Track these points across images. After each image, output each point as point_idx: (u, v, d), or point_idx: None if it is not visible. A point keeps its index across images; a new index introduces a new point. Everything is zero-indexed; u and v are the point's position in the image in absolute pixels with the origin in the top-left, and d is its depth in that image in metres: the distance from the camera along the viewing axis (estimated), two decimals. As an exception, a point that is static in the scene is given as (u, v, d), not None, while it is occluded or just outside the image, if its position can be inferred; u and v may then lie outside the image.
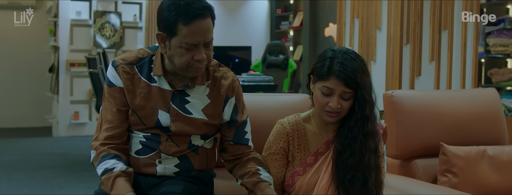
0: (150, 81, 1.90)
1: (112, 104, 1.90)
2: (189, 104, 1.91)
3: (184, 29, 1.76)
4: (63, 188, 4.64)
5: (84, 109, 7.95)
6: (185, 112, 1.90)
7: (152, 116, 1.89)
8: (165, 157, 1.91)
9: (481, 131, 2.64)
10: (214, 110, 1.94)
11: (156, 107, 1.89)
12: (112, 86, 1.91)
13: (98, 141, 1.87)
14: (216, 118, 1.95)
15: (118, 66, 1.91)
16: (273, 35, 9.01)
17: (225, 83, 1.96)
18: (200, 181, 1.96)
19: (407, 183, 2.42)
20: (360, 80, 1.79)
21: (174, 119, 1.89)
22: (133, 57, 1.93)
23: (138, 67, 1.91)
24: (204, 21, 1.77)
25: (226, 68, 2.01)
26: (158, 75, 1.89)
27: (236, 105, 1.98)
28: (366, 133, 1.83)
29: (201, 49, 1.80)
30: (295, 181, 1.90)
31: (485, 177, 2.46)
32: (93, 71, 6.02)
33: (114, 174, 1.78)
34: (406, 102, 2.57)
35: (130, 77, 1.90)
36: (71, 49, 7.85)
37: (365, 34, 4.08)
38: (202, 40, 1.79)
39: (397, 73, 3.79)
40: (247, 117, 2.02)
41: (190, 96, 1.91)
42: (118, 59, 1.93)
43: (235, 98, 1.97)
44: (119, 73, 1.90)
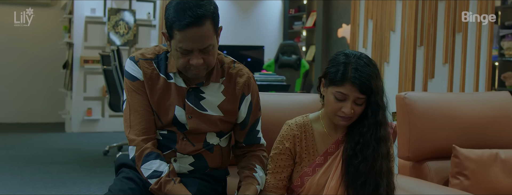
0: (167, 78, 1.91)
1: (141, 97, 1.90)
2: (204, 100, 1.92)
3: (178, 35, 1.76)
4: (76, 183, 4.68)
5: (97, 105, 8.01)
6: (200, 109, 1.91)
7: (169, 112, 1.90)
8: (181, 156, 1.93)
9: (493, 135, 2.63)
10: (230, 107, 1.95)
11: (173, 103, 1.90)
12: (135, 80, 1.91)
13: (136, 136, 1.87)
14: (232, 115, 1.96)
15: (138, 61, 1.91)
16: (286, 35, 9.02)
17: (241, 80, 1.96)
18: (213, 179, 1.98)
19: (419, 185, 2.42)
20: (374, 86, 1.79)
21: (189, 116, 1.90)
22: (151, 53, 1.94)
23: (156, 63, 1.92)
24: (198, 29, 1.74)
25: (241, 65, 2.01)
26: (173, 72, 1.91)
27: (251, 102, 1.98)
28: (379, 138, 1.83)
29: (196, 55, 1.79)
30: (304, 182, 1.91)
31: (497, 180, 2.46)
32: (107, 68, 6.06)
33: (163, 183, 1.80)
34: (419, 104, 2.57)
35: (150, 72, 1.91)
36: (85, 46, 7.91)
37: (378, 35, 4.08)
38: (197, 47, 1.77)
39: (410, 75, 3.79)
40: (260, 115, 2.04)
41: (205, 93, 1.92)
42: (137, 54, 1.93)
43: (251, 95, 1.98)
44: (141, 68, 1.90)
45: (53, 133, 7.87)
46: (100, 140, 7.12)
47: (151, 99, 1.90)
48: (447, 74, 3.81)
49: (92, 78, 7.94)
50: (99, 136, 7.63)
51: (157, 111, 1.91)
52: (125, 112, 1.92)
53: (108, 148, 6.19)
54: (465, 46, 3.77)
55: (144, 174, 1.84)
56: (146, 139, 1.87)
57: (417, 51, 3.82)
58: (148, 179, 1.83)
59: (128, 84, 1.92)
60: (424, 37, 3.81)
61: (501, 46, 5.05)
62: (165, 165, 1.83)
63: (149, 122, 1.89)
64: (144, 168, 1.83)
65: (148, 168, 1.83)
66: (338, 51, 1.87)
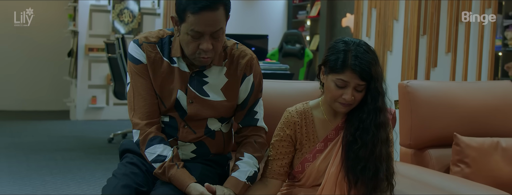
0: (171, 62, 1.92)
1: (145, 80, 1.91)
2: (207, 85, 1.93)
3: (191, 17, 1.78)
4: (81, 170, 4.73)
5: (101, 93, 8.04)
6: (203, 94, 1.93)
7: (171, 96, 1.91)
8: (182, 144, 1.95)
9: (495, 123, 2.65)
10: (232, 90, 1.96)
11: (176, 87, 1.91)
12: (139, 63, 1.92)
13: (140, 120, 1.89)
14: (234, 97, 1.97)
15: (142, 44, 1.92)
16: (290, 25, 9.01)
17: (243, 61, 1.97)
18: (216, 164, 2.00)
19: (420, 172, 2.45)
20: (374, 72, 1.81)
21: (191, 101, 1.92)
22: (155, 37, 1.94)
23: (160, 46, 1.93)
24: (212, 13, 1.78)
25: (244, 47, 2.02)
26: (177, 57, 1.92)
27: (254, 83, 1.99)
28: (378, 124, 1.85)
29: (207, 39, 1.81)
30: (305, 168, 1.93)
31: (497, 168, 2.48)
32: (112, 56, 6.09)
33: (167, 167, 1.83)
34: (421, 92, 2.59)
35: (153, 56, 1.92)
36: (90, 34, 7.93)
37: (382, 24, 4.09)
38: (209, 31, 1.80)
39: (413, 64, 3.80)
40: (260, 97, 2.04)
41: (208, 77, 1.93)
42: (141, 37, 1.94)
43: (253, 76, 1.99)
44: (144, 51, 1.92)
45: (58, 121, 7.92)
46: (105, 128, 7.16)
47: (154, 82, 1.91)
48: (450, 63, 3.82)
49: (96, 66, 7.97)
50: (104, 123, 7.68)
51: (160, 94, 1.92)
52: (129, 95, 1.94)
53: (113, 135, 6.23)
54: (468, 36, 3.77)
55: (148, 158, 1.86)
56: (149, 123, 1.89)
57: (420, 40, 3.83)
58: (152, 163, 1.85)
59: (132, 67, 1.93)
60: (427, 26, 3.82)
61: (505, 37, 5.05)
62: (169, 150, 1.86)
63: (153, 106, 1.90)
64: (148, 152, 1.86)
65: (152, 152, 1.85)
66: (337, 38, 1.89)
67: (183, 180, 1.81)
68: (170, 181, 1.83)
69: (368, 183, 1.85)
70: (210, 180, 1.89)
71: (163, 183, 1.86)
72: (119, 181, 1.85)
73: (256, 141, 1.98)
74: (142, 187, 1.87)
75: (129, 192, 1.82)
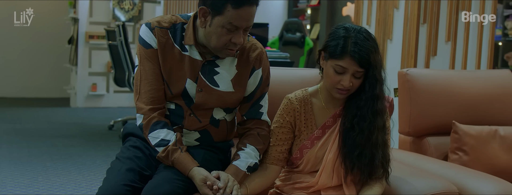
0: (182, 49, 1.92)
1: (153, 65, 1.91)
2: (218, 75, 1.94)
3: (231, 11, 1.79)
4: (82, 156, 4.76)
5: (102, 81, 8.06)
6: (213, 84, 1.93)
7: (179, 84, 1.92)
8: (187, 132, 1.97)
9: (493, 112, 2.67)
10: (241, 82, 1.97)
11: (185, 76, 1.91)
12: (149, 47, 1.91)
13: (144, 105, 1.89)
14: (242, 90, 1.98)
15: (154, 28, 1.92)
16: (291, 13, 9.00)
17: (253, 55, 1.98)
18: (219, 150, 2.02)
19: (418, 159, 2.47)
20: (372, 60, 1.82)
21: (200, 89, 1.92)
22: (167, 22, 1.94)
23: (172, 32, 1.93)
24: (251, 8, 1.82)
25: (255, 40, 2.03)
26: (189, 45, 1.92)
27: (262, 77, 2.01)
28: (375, 111, 1.87)
29: (240, 33, 1.84)
30: (303, 154, 1.95)
31: (495, 156, 2.50)
32: (112, 44, 6.09)
33: (170, 151, 1.84)
34: (421, 80, 2.61)
35: (164, 41, 1.91)
36: (90, 22, 7.93)
37: (382, 13, 4.10)
38: (245, 25, 1.83)
39: (413, 52, 3.82)
40: (267, 91, 2.06)
41: (220, 67, 1.94)
42: (153, 21, 1.94)
43: (262, 70, 2.00)
44: (156, 35, 1.91)
45: (58, 108, 7.94)
46: (105, 115, 7.19)
47: (163, 68, 1.91)
48: (450, 52, 3.83)
49: (97, 53, 7.98)
50: (104, 111, 7.70)
51: (168, 81, 1.92)
52: (136, 78, 1.94)
53: (113, 122, 6.25)
54: (468, 25, 3.78)
55: (151, 142, 1.88)
56: (153, 108, 1.89)
57: (420, 29, 3.84)
58: (156, 147, 1.87)
59: (142, 51, 1.93)
60: (427, 15, 3.83)
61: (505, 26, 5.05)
62: (172, 134, 1.87)
63: (158, 92, 1.91)
64: (151, 137, 1.87)
65: (155, 136, 1.87)
66: (338, 24, 1.90)
67: (186, 164, 1.83)
68: (173, 165, 1.85)
69: (364, 169, 1.87)
70: (213, 165, 1.91)
71: (166, 167, 1.88)
72: (123, 165, 1.87)
73: (260, 133, 1.99)
74: (145, 171, 1.89)
75: (134, 175, 1.84)
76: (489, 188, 2.09)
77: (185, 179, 1.83)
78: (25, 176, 4.02)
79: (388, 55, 4.04)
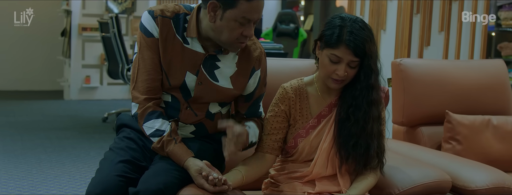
0: (183, 41, 1.90)
1: (153, 54, 1.88)
2: (218, 70, 1.93)
3: (245, 5, 1.78)
4: (76, 148, 4.76)
5: (95, 73, 8.03)
6: (213, 78, 1.92)
7: (179, 76, 1.90)
8: (183, 125, 1.96)
9: (486, 101, 2.68)
10: (241, 79, 1.96)
11: (185, 68, 1.90)
12: (150, 36, 1.88)
13: (140, 94, 1.88)
14: (240, 87, 1.98)
15: (156, 17, 1.89)
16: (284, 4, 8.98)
17: (254, 55, 1.98)
18: (213, 140, 2.02)
19: (412, 149, 2.49)
20: (368, 49, 1.82)
21: (200, 83, 1.91)
22: (171, 11, 1.90)
23: (174, 23, 1.90)
24: (262, 1, 1.83)
25: (255, 38, 2.02)
26: (191, 37, 1.90)
27: (260, 77, 2.01)
28: (370, 101, 1.87)
29: (251, 26, 1.84)
30: (297, 143, 1.95)
31: (488, 145, 2.52)
32: (106, 35, 6.06)
33: (165, 142, 1.84)
34: (414, 70, 2.62)
35: (166, 31, 1.89)
36: (83, 14, 7.89)
37: (375, 3, 4.10)
38: (257, 17, 1.83)
39: (406, 42, 3.82)
40: (264, 91, 2.06)
41: (221, 61, 1.93)
42: (156, 9, 1.90)
43: (260, 71, 2.00)
44: (158, 24, 1.88)
45: (51, 101, 7.92)
46: (99, 108, 7.17)
47: (163, 58, 1.89)
48: (443, 42, 3.84)
49: (90, 45, 7.95)
50: (98, 103, 7.69)
51: (167, 71, 1.90)
52: (133, 66, 1.92)
53: (107, 115, 6.24)
54: (461, 15, 3.79)
55: (146, 132, 1.87)
56: (148, 98, 1.88)
57: (414, 19, 3.84)
58: (150, 137, 1.86)
59: (142, 39, 1.90)
60: (421, 5, 3.83)
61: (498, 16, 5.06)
62: (167, 124, 1.87)
63: (155, 82, 1.89)
64: (146, 126, 1.87)
65: (150, 126, 1.86)
66: (335, 14, 1.90)
67: (181, 155, 1.83)
68: (168, 155, 1.85)
69: (359, 159, 1.88)
70: (208, 156, 1.91)
71: (162, 158, 1.87)
72: (117, 155, 1.87)
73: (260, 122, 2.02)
74: (140, 161, 1.89)
75: (127, 166, 1.84)
76: (482, 177, 2.11)
77: (181, 169, 1.83)
78: (19, 169, 4.02)
79: (381, 46, 4.05)
